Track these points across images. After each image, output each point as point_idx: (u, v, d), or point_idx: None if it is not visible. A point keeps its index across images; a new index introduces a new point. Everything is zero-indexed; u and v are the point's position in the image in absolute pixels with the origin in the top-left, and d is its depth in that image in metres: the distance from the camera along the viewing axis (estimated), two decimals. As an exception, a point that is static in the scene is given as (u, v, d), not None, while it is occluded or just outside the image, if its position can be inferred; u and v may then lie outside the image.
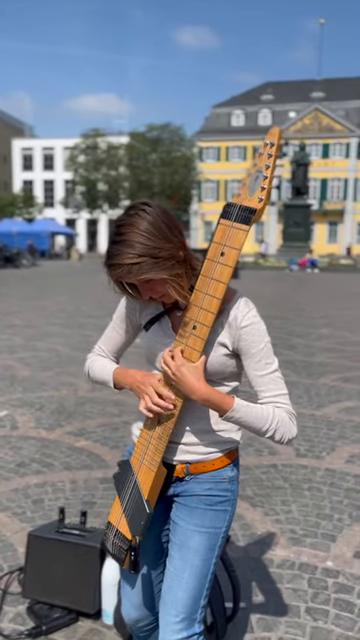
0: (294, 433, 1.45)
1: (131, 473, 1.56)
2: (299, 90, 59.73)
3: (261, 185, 1.34)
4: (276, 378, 1.46)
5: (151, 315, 1.57)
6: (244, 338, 1.44)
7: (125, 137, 48.36)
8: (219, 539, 1.55)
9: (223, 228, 1.38)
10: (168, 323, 1.54)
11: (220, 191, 58.34)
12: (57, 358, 7.45)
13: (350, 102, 57.83)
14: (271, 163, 1.33)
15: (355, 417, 5.14)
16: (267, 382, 1.45)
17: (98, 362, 1.68)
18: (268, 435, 1.43)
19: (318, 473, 3.89)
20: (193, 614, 1.52)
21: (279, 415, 1.43)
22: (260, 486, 3.66)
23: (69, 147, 51.18)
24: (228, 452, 1.56)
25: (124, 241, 1.35)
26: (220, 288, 1.38)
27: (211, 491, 1.53)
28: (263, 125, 58.46)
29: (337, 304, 14.26)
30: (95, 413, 5.14)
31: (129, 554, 1.53)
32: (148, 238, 1.34)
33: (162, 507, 1.61)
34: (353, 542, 3.01)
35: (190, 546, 1.52)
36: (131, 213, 1.38)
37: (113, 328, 1.68)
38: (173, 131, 46.43)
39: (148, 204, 1.39)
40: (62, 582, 2.38)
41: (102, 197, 45.99)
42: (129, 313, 1.63)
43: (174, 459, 1.54)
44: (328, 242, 56.55)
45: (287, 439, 1.45)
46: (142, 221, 1.35)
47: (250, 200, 1.35)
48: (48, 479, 3.73)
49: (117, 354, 1.72)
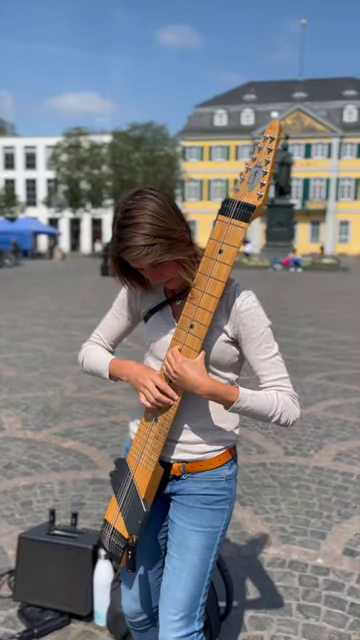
0: (298, 415, 1.46)
1: (128, 472, 1.55)
2: (281, 90, 60.05)
3: (260, 181, 1.32)
4: (277, 362, 1.47)
5: (152, 305, 1.56)
6: (244, 323, 1.44)
7: (108, 136, 48.12)
8: (217, 538, 1.55)
9: (221, 225, 1.36)
10: (169, 310, 1.53)
11: (203, 190, 58.43)
12: (42, 358, 7.39)
13: (331, 103, 58.31)
14: (271, 158, 1.31)
15: (341, 415, 5.19)
16: (268, 366, 1.46)
17: (95, 352, 1.64)
18: (274, 420, 1.43)
19: (306, 471, 3.91)
20: (192, 612, 1.52)
21: (283, 399, 1.43)
22: (249, 485, 3.67)
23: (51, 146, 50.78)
24: (225, 450, 1.56)
25: (137, 224, 1.33)
26: (218, 286, 1.37)
27: (208, 490, 1.53)
28: (246, 125, 58.68)
29: (321, 303, 14.37)
30: (82, 413, 5.12)
31: (126, 553, 1.52)
32: (161, 220, 1.34)
33: (159, 505, 1.61)
34: (342, 539, 3.03)
35: (188, 545, 1.52)
36: (138, 197, 1.37)
37: (113, 315, 1.66)
38: (156, 130, 46.30)
39: (153, 189, 1.39)
40: (54, 584, 2.37)
41: (85, 196, 45.69)
42: (130, 300, 1.61)
43: (171, 458, 1.53)
44: (310, 241, 56.96)
45: (292, 421, 1.45)
46: (152, 203, 1.35)
47: (249, 196, 1.33)
48: (36, 480, 3.70)
49: (115, 342, 1.69)
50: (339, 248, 56.52)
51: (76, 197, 45.53)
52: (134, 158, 45.55)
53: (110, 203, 46.69)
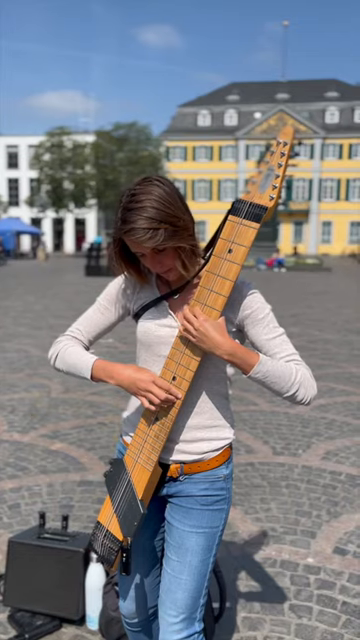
0: (315, 391, 1.45)
1: (124, 472, 1.53)
2: (264, 91, 60.37)
3: (273, 183, 1.34)
4: (287, 340, 1.47)
5: (145, 301, 1.54)
6: (250, 306, 1.45)
7: (91, 136, 47.92)
8: (216, 538, 1.54)
9: (231, 225, 1.37)
10: (165, 304, 1.51)
11: (187, 190, 58.44)
12: (27, 359, 7.32)
13: (314, 104, 58.78)
14: (284, 162, 1.33)
15: (328, 414, 5.21)
16: (279, 343, 1.45)
17: (74, 348, 1.53)
18: (292, 391, 1.40)
19: (295, 470, 3.92)
20: (193, 613, 1.51)
21: (302, 371, 1.43)
22: (239, 485, 3.67)
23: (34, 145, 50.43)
24: (223, 450, 1.54)
25: (143, 207, 1.33)
26: (227, 285, 1.37)
27: (207, 491, 1.52)
28: (229, 125, 58.87)
29: (304, 302, 14.46)
30: (69, 415, 5.07)
31: (120, 555, 1.50)
32: (166, 206, 1.34)
33: (155, 507, 1.59)
34: (332, 538, 3.04)
35: (188, 547, 1.50)
36: (146, 183, 1.37)
37: (97, 309, 1.60)
38: (140, 130, 46.24)
39: (160, 177, 1.40)
40: (45, 588, 2.33)
41: (68, 196, 45.43)
42: (121, 295, 1.57)
43: (169, 459, 1.51)
44: (294, 242, 57.34)
45: (309, 397, 1.43)
46: (159, 190, 1.36)
47: (261, 197, 1.35)
48: (24, 483, 3.66)
49: (95, 338, 1.61)
50: (321, 248, 56.99)
51: (59, 197, 45.24)
52: (117, 158, 45.43)
53: (93, 203, 46.50)
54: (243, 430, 4.68)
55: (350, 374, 6.80)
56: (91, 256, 23.53)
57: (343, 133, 56.79)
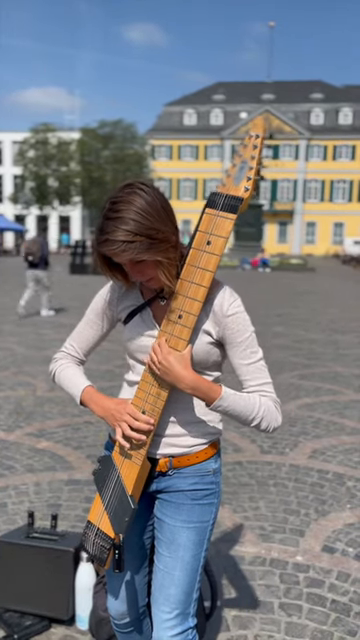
0: (279, 422, 1.45)
1: (113, 468, 1.52)
2: (250, 91, 60.56)
3: (247, 175, 1.36)
4: (261, 367, 1.46)
5: (131, 307, 1.53)
6: (230, 327, 1.43)
7: (76, 133, 47.62)
8: (207, 532, 1.54)
9: (209, 217, 1.39)
10: (149, 314, 1.50)
11: (173, 189, 58.41)
12: (12, 357, 7.25)
13: (299, 105, 59.12)
14: (256, 154, 1.36)
15: (314, 413, 5.24)
16: (252, 371, 1.45)
17: (68, 371, 1.60)
18: (254, 424, 1.42)
19: (283, 469, 3.94)
20: (187, 609, 1.51)
21: (265, 404, 1.43)
22: (227, 483, 3.67)
23: (18, 141, 49.98)
24: (211, 444, 1.54)
25: (121, 218, 1.30)
26: (207, 276, 1.37)
27: (196, 485, 1.51)
28: (215, 124, 58.95)
29: (289, 302, 14.54)
30: (55, 413, 5.03)
31: (112, 553, 1.49)
32: (145, 217, 1.31)
33: (144, 504, 1.58)
34: (321, 536, 3.06)
35: (179, 543, 1.50)
36: (128, 191, 1.33)
37: (87, 324, 1.62)
38: (125, 128, 46.10)
39: (145, 184, 1.36)
40: (34, 588, 2.31)
41: (53, 193, 45.13)
42: (105, 307, 1.58)
43: (157, 453, 1.51)
44: (278, 242, 57.66)
45: (272, 428, 1.45)
46: (140, 200, 1.32)
47: (236, 189, 1.37)
48: (10, 482, 3.62)
49: (88, 351, 1.66)
50: (306, 249, 57.36)
51: (43, 194, 44.91)
52: (103, 155, 45.25)
53: (78, 200, 46.23)
54: (230, 429, 4.69)
55: (336, 373, 6.85)
56: (76, 254, 23.38)
57: (328, 134, 57.22)
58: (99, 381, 6.00)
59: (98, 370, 6.50)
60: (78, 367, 1.63)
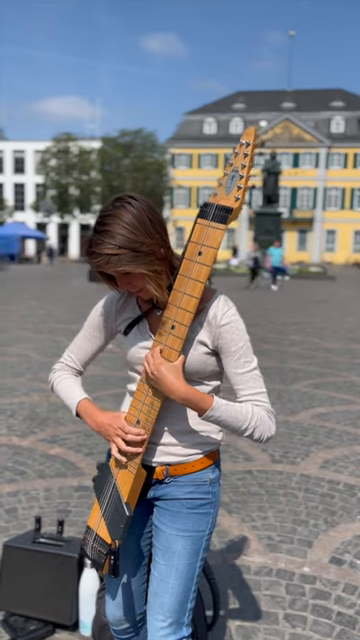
0: (273, 431, 1.46)
1: (110, 475, 1.54)
2: (270, 100, 60.60)
3: (237, 184, 1.35)
4: (255, 376, 1.46)
5: (129, 319, 1.56)
6: (224, 336, 1.44)
7: (97, 142, 48.19)
8: (203, 542, 1.54)
9: (200, 227, 1.39)
10: (146, 326, 1.53)
11: (192, 198, 58.62)
12: (28, 364, 7.33)
13: (319, 113, 58.95)
14: (247, 162, 1.34)
15: (327, 423, 5.20)
16: (246, 380, 1.45)
17: (65, 382, 1.64)
18: (247, 434, 1.43)
19: (293, 479, 3.91)
20: (181, 618, 1.51)
21: (258, 413, 1.43)
22: (236, 492, 3.66)
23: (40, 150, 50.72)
24: (209, 453, 1.55)
25: (106, 231, 1.34)
26: (198, 287, 1.38)
27: (192, 494, 1.52)
28: (235, 133, 59.05)
29: (307, 311, 14.45)
30: (68, 419, 5.07)
31: (109, 558, 1.51)
32: (130, 231, 1.34)
33: (142, 510, 1.60)
34: (329, 548, 3.03)
35: (174, 551, 1.51)
36: (117, 205, 1.37)
37: (85, 336, 1.65)
38: (146, 137, 46.50)
39: (135, 197, 1.39)
40: (38, 593, 2.33)
41: (73, 202, 45.68)
42: (104, 320, 1.61)
43: (153, 460, 1.52)
44: (298, 250, 57.37)
45: (266, 437, 1.45)
46: (127, 214, 1.35)
47: (227, 199, 1.36)
48: (21, 487, 3.66)
49: (87, 362, 1.70)
50: (325, 257, 56.96)
51: (64, 202, 45.48)
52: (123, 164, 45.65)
53: (98, 209, 46.66)
54: (241, 438, 4.67)
55: (351, 383, 6.79)
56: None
57: (348, 142, 56.91)
58: (114, 388, 6.03)
59: (113, 377, 6.54)
60: (76, 378, 1.67)
